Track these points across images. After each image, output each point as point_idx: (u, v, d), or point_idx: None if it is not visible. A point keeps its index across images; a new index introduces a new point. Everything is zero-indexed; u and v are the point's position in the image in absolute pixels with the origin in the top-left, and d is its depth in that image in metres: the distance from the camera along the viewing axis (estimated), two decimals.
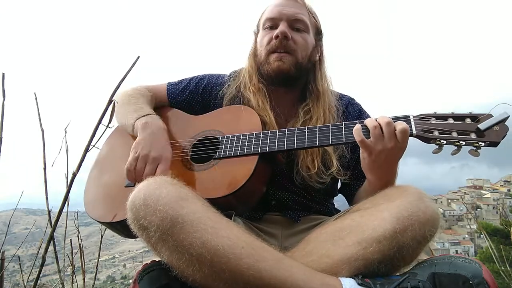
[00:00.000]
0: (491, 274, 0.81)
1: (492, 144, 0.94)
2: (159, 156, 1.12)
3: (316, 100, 1.28)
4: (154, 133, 1.18)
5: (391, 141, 0.97)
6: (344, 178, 1.22)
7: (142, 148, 1.13)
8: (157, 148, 1.14)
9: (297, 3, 1.28)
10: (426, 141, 0.99)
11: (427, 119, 1.01)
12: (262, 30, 1.30)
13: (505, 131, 0.93)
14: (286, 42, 1.22)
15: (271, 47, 1.24)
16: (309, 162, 1.18)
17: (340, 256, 0.88)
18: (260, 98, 1.26)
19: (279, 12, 1.25)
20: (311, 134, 1.10)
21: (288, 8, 1.26)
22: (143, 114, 1.24)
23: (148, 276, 0.87)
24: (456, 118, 1.00)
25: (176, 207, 0.84)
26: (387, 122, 0.98)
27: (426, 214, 0.88)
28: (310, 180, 1.18)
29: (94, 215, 1.18)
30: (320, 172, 1.17)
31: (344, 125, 1.08)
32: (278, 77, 1.24)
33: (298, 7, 1.27)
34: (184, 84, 1.41)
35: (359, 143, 0.99)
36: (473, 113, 0.99)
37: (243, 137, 1.16)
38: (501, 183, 63.52)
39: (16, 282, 2.46)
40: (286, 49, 1.23)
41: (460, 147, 0.96)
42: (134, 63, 1.28)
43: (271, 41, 1.24)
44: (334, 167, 1.18)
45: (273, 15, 1.26)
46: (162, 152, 1.13)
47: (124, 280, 38.71)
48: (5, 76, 1.35)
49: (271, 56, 1.24)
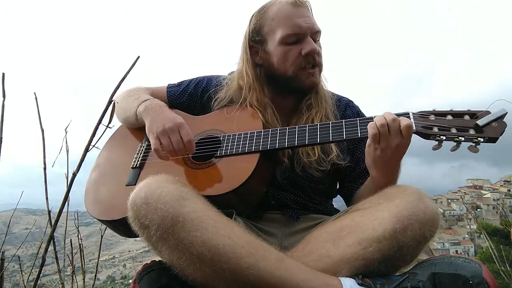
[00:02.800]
0: (491, 274, 0.81)
1: (491, 140, 0.95)
2: (174, 125, 1.14)
3: (316, 93, 1.29)
4: (158, 111, 1.21)
5: (397, 137, 0.98)
6: (344, 163, 1.22)
7: (156, 127, 1.15)
8: (168, 119, 1.16)
9: (309, 10, 1.25)
10: (426, 137, 1.00)
11: (426, 116, 1.02)
12: (282, 44, 1.21)
13: (503, 127, 0.94)
14: (318, 59, 1.23)
15: (302, 63, 1.21)
16: (309, 149, 1.20)
17: (340, 256, 0.88)
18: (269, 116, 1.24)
19: (301, 26, 1.19)
20: (311, 131, 1.11)
21: (308, 20, 1.21)
22: (142, 100, 1.27)
23: (148, 276, 0.87)
24: (454, 115, 1.01)
25: (176, 206, 0.84)
26: (392, 118, 0.98)
27: (426, 213, 0.88)
28: (310, 167, 1.18)
29: (95, 213, 1.18)
30: (320, 159, 1.18)
31: (344, 123, 1.09)
32: (309, 92, 1.27)
33: (311, 15, 1.24)
34: (184, 86, 1.41)
35: (372, 136, 0.99)
36: (471, 110, 1.00)
37: (244, 135, 1.17)
38: (501, 183, 63.55)
39: (16, 282, 2.46)
40: (318, 65, 1.24)
41: (460, 143, 0.97)
42: (134, 63, 1.28)
43: (299, 57, 1.20)
44: (334, 153, 1.20)
45: (297, 31, 1.19)
46: (174, 120, 1.16)
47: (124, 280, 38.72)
48: (5, 76, 1.35)
49: (302, 73, 1.22)
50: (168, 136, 1.13)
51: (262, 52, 1.27)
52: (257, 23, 1.26)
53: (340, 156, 1.21)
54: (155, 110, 1.21)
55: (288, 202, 1.22)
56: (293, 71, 1.22)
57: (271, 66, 1.25)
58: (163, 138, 1.14)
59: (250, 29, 1.28)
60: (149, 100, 1.26)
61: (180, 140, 1.13)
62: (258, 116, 1.22)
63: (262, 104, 1.25)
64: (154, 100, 1.27)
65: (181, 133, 1.14)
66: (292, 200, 1.22)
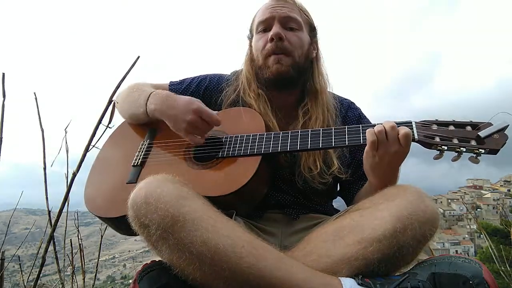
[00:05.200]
0: (491, 274, 0.81)
1: (492, 151, 0.96)
2: (193, 114, 1.14)
3: (315, 99, 1.28)
4: (169, 104, 1.20)
5: (395, 145, 0.98)
6: (345, 177, 1.22)
7: (178, 122, 1.16)
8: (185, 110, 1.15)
9: (287, 2, 1.27)
10: (427, 146, 1.01)
11: (428, 125, 1.03)
12: (256, 34, 1.29)
13: (504, 139, 0.95)
14: (281, 44, 1.21)
15: (267, 50, 1.23)
16: (311, 163, 1.18)
17: (340, 255, 0.88)
18: (262, 105, 1.25)
19: (270, 13, 1.25)
20: (314, 136, 1.11)
21: (279, 8, 1.25)
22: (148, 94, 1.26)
23: (148, 276, 0.87)
24: (456, 125, 1.02)
25: (177, 205, 0.84)
26: (391, 126, 0.99)
27: (426, 213, 0.88)
28: (312, 181, 1.18)
29: (95, 210, 1.18)
30: (322, 172, 1.18)
31: (347, 129, 1.09)
32: (278, 80, 1.24)
33: (289, 6, 1.27)
34: (186, 84, 1.40)
35: (370, 143, 1.00)
36: (474, 121, 1.01)
37: (246, 137, 1.17)
38: (501, 183, 63.53)
39: (16, 282, 2.46)
40: (283, 51, 1.22)
41: (461, 154, 0.98)
42: (134, 63, 1.28)
43: (266, 44, 1.23)
44: (335, 166, 1.19)
45: (265, 17, 1.25)
46: (190, 106, 1.15)
47: (124, 280, 38.73)
48: (5, 76, 1.35)
49: (269, 60, 1.23)
50: (195, 127, 1.15)
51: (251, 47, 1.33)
52: (251, 21, 1.34)
53: (342, 170, 1.21)
54: (167, 104, 1.20)
55: (288, 202, 1.22)
56: (262, 59, 1.25)
57: (254, 59, 1.29)
58: (193, 130, 1.16)
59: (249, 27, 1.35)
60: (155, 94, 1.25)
61: (206, 125, 1.16)
62: (261, 118, 1.22)
63: (261, 104, 1.25)
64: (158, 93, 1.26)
65: (204, 117, 1.15)
66: (292, 201, 1.22)
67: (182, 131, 1.17)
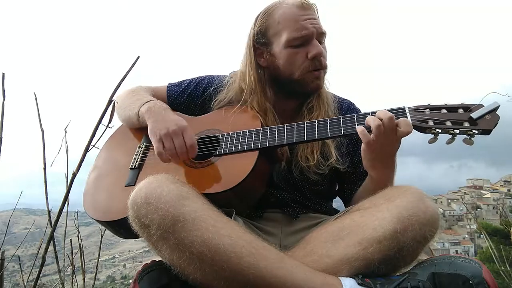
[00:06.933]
0: (491, 274, 0.81)
1: (485, 132, 0.97)
2: (178, 128, 1.12)
3: (318, 96, 1.28)
4: (161, 113, 1.19)
5: (392, 135, 0.98)
6: (343, 168, 1.22)
7: (159, 129, 1.13)
8: (171, 122, 1.14)
9: (315, 12, 1.23)
10: (422, 130, 1.01)
11: (421, 110, 1.04)
12: (290, 47, 1.20)
13: (496, 120, 0.96)
14: (323, 61, 1.22)
15: (307, 66, 1.20)
16: (309, 153, 1.19)
17: (340, 256, 0.88)
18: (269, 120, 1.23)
19: (307, 29, 1.18)
20: (310, 128, 1.11)
21: (313, 22, 1.20)
22: (145, 101, 1.25)
23: (148, 276, 0.88)
24: (449, 108, 1.03)
25: (177, 205, 0.84)
26: (389, 117, 0.97)
27: (427, 214, 0.88)
28: (308, 170, 1.18)
29: (94, 214, 1.18)
30: (319, 163, 1.18)
31: (342, 119, 1.10)
32: (313, 94, 1.26)
33: (317, 17, 1.23)
34: (184, 86, 1.40)
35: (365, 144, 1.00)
36: (465, 104, 1.02)
37: (243, 133, 1.17)
38: (501, 183, 63.56)
39: (16, 282, 2.46)
40: (322, 67, 1.23)
41: (455, 136, 0.99)
42: (134, 63, 1.28)
43: (305, 60, 1.20)
44: (333, 157, 1.20)
45: (303, 33, 1.18)
46: (177, 122, 1.14)
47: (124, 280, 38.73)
48: (5, 76, 1.35)
49: (309, 76, 1.21)
50: (171, 139, 1.11)
51: (267, 55, 1.25)
52: (262, 25, 1.24)
53: (340, 160, 1.21)
54: (158, 112, 1.19)
55: (287, 200, 1.22)
56: (299, 74, 1.21)
57: (276, 69, 1.24)
58: (166, 141, 1.11)
59: (255, 31, 1.26)
60: (152, 101, 1.24)
61: (183, 143, 1.11)
62: (257, 117, 1.22)
63: (263, 108, 1.25)
64: (157, 102, 1.25)
65: (185, 137, 1.12)
66: (291, 199, 1.22)
67: (156, 136, 1.13)
